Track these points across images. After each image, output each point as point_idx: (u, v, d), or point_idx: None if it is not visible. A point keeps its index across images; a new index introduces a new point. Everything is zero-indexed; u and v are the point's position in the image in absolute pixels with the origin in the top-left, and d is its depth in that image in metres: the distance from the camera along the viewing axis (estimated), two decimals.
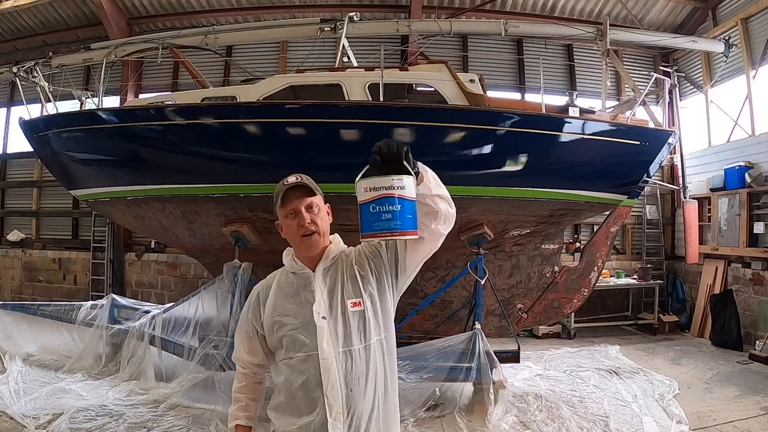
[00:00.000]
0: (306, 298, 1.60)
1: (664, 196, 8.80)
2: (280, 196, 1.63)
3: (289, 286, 1.66)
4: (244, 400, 1.73)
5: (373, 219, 1.37)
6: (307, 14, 8.26)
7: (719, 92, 7.99)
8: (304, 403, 1.53)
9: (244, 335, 1.72)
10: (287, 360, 1.58)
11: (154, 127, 4.87)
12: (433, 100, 5.16)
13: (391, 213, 1.36)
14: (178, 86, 8.61)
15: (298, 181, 1.63)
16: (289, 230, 1.65)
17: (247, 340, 1.71)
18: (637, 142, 4.94)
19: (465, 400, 4.28)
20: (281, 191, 1.63)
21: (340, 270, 1.66)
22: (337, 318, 1.57)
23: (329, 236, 1.72)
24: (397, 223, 1.37)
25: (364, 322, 1.59)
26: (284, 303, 1.63)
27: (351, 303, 1.59)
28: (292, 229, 1.63)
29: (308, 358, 1.54)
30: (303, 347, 1.55)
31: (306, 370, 1.54)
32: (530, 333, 7.43)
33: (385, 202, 1.36)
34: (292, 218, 1.62)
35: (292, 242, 1.67)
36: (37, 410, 4.03)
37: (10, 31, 9.29)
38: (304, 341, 1.55)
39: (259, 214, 4.79)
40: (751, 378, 5.25)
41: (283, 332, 1.59)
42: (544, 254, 5.32)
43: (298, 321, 1.58)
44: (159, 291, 8.42)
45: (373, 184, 1.38)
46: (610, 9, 8.40)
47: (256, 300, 1.70)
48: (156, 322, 4.86)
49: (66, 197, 8.31)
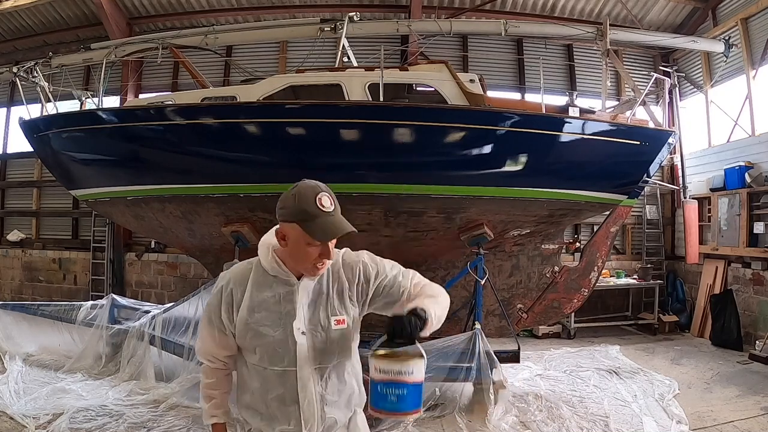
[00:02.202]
0: (286, 310, 1.50)
1: (664, 196, 8.79)
2: (318, 230, 1.42)
3: (267, 290, 1.52)
4: (218, 396, 1.66)
5: (379, 398, 1.40)
6: (307, 14, 8.25)
7: (719, 92, 7.98)
8: (279, 413, 1.52)
9: (214, 330, 1.57)
10: (260, 368, 1.52)
11: (154, 127, 4.88)
12: (433, 100, 5.16)
13: (398, 396, 1.39)
14: (178, 86, 8.60)
15: (335, 210, 1.45)
16: (303, 255, 1.47)
17: (217, 335, 1.57)
18: (637, 142, 4.94)
19: (465, 400, 4.27)
20: (320, 221, 1.42)
21: (326, 281, 1.56)
22: (318, 333, 1.51)
23: None
24: (402, 405, 1.40)
25: (344, 340, 1.56)
26: (261, 310, 1.51)
27: (335, 320, 1.53)
28: (308, 256, 1.46)
29: (285, 373, 1.49)
30: (280, 362, 1.49)
31: (282, 384, 1.50)
32: (530, 333, 7.43)
33: (393, 386, 1.39)
34: (314, 247, 1.44)
35: (297, 262, 1.50)
36: (37, 410, 4.02)
37: (10, 31, 9.28)
38: (282, 356, 1.49)
39: (259, 214, 4.80)
40: (751, 378, 5.24)
41: (258, 342, 1.51)
42: (544, 254, 5.32)
43: (277, 334, 1.49)
44: (159, 291, 8.41)
45: (384, 367, 1.39)
46: (610, 9, 8.39)
47: (228, 297, 1.54)
48: (156, 322, 4.85)
49: (66, 197, 8.30)
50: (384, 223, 4.74)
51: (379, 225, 4.76)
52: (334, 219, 1.45)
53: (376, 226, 4.76)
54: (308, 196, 1.43)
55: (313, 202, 1.43)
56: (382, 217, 4.70)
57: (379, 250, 1.78)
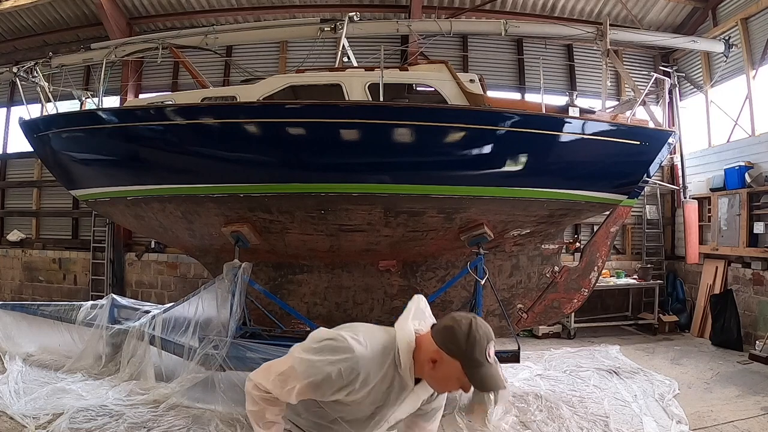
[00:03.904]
0: (390, 401, 1.56)
1: (664, 196, 8.80)
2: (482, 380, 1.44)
3: (387, 380, 1.52)
4: (281, 422, 1.64)
5: None
6: (307, 14, 8.25)
7: (719, 92, 7.98)
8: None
9: (312, 395, 1.49)
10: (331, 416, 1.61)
11: (154, 127, 4.87)
12: (433, 100, 5.16)
13: None
14: (178, 86, 8.61)
15: (495, 364, 1.47)
16: (448, 383, 1.50)
17: (312, 397, 1.51)
18: (637, 142, 4.94)
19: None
20: (485, 373, 1.43)
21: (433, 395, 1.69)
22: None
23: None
24: None
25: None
26: (372, 392, 1.51)
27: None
28: (451, 386, 1.50)
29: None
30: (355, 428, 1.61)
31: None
32: (530, 333, 7.43)
33: None
34: (464, 384, 1.46)
35: (435, 382, 1.52)
36: (37, 410, 4.02)
37: (10, 31, 9.29)
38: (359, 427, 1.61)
39: (259, 214, 4.79)
40: (751, 378, 5.25)
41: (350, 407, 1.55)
42: (544, 254, 5.32)
43: (370, 412, 1.57)
44: (159, 291, 8.41)
45: None
46: (610, 9, 8.39)
47: (358, 384, 1.46)
48: (156, 322, 4.85)
49: (66, 197, 8.31)
50: (384, 223, 4.73)
51: (379, 225, 4.76)
52: (494, 372, 1.45)
53: (376, 226, 4.76)
54: (482, 344, 1.42)
55: (484, 352, 1.43)
56: (382, 217, 4.69)
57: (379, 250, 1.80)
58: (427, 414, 1.75)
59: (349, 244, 4.94)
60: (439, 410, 1.78)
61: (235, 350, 4.25)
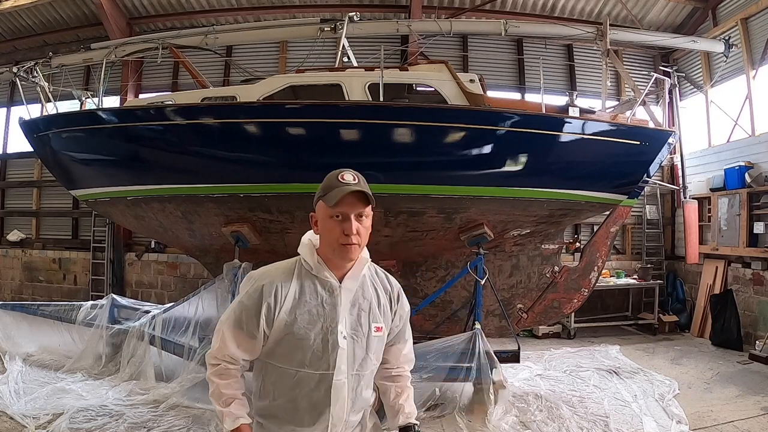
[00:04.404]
0: (329, 314, 1.51)
1: (664, 196, 8.80)
2: (332, 195, 1.46)
3: (311, 293, 1.52)
4: (240, 396, 1.57)
5: None
6: (307, 14, 8.25)
7: (719, 92, 7.98)
8: (307, 416, 1.51)
9: (241, 333, 1.51)
10: (293, 371, 1.50)
11: (154, 127, 4.87)
12: (433, 100, 5.16)
13: None
14: (178, 86, 8.61)
15: (356, 183, 1.48)
16: (328, 232, 1.49)
17: (246, 338, 1.51)
18: (637, 142, 4.94)
19: (465, 400, 4.28)
20: (336, 189, 1.46)
21: (367, 288, 1.59)
22: (359, 339, 1.53)
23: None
24: None
25: (381, 345, 1.60)
26: (303, 312, 1.49)
27: (375, 327, 1.56)
28: (333, 232, 1.48)
29: (321, 377, 1.49)
30: (318, 366, 1.49)
31: (316, 388, 1.50)
32: (530, 333, 7.43)
33: None
34: (336, 221, 1.47)
35: (327, 243, 1.51)
36: (37, 410, 4.03)
37: (10, 31, 9.29)
38: (320, 359, 1.49)
39: (259, 214, 4.79)
40: (751, 378, 5.25)
41: (298, 345, 1.49)
42: (544, 254, 5.32)
43: (319, 338, 1.49)
44: (159, 291, 8.41)
45: None
46: (610, 9, 8.39)
47: (271, 297, 1.49)
48: (156, 322, 4.85)
49: (66, 197, 8.31)
50: (384, 223, 4.73)
51: (379, 225, 4.76)
52: (349, 186, 1.47)
53: (376, 226, 4.71)
54: (333, 174, 1.51)
55: (335, 177, 1.49)
56: (382, 217, 4.69)
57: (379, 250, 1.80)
58: (395, 336, 1.68)
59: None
60: (403, 329, 1.70)
61: None
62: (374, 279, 1.63)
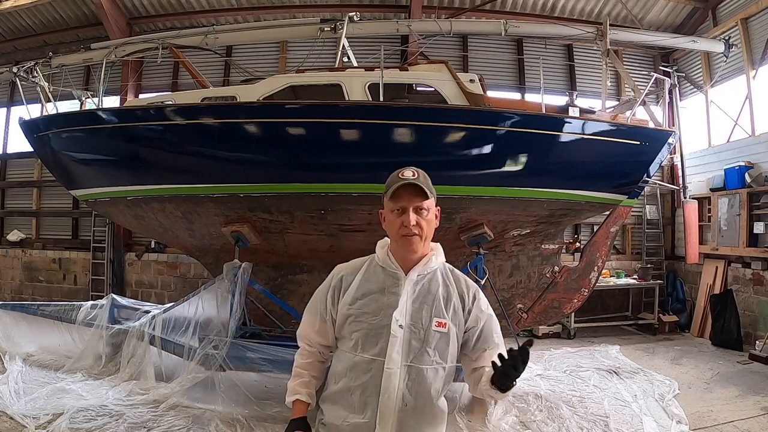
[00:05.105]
0: (389, 301, 1.55)
1: (664, 196, 8.80)
2: (392, 190, 1.56)
3: (375, 281, 1.60)
4: (307, 376, 1.66)
5: None
6: (307, 14, 8.26)
7: (719, 92, 7.99)
8: (357, 403, 1.51)
9: (316, 315, 1.65)
10: (351, 354, 1.55)
11: (154, 127, 4.87)
12: (433, 100, 5.16)
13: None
14: (178, 86, 8.61)
15: (415, 178, 1.56)
16: (391, 225, 1.60)
17: (318, 321, 1.65)
18: (637, 142, 4.94)
19: (465, 400, 4.27)
20: (394, 184, 1.56)
21: (435, 283, 1.61)
22: (417, 331, 1.53)
23: (431, 243, 1.65)
24: None
25: (445, 344, 1.57)
26: (365, 298, 1.57)
27: (437, 322, 1.55)
28: (394, 225, 1.58)
29: (373, 362, 1.51)
30: (371, 350, 1.52)
31: (367, 372, 1.51)
32: (530, 333, 7.42)
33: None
34: (397, 214, 1.57)
35: (392, 237, 1.62)
36: (37, 410, 4.02)
37: (10, 31, 9.29)
38: (374, 344, 1.52)
39: (259, 214, 4.79)
40: (751, 378, 5.25)
41: (355, 328, 1.55)
42: (544, 254, 5.31)
43: (375, 322, 1.53)
44: (159, 291, 8.41)
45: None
46: (610, 9, 8.39)
47: (338, 283, 1.63)
48: (156, 322, 4.84)
49: (66, 197, 8.31)
50: None
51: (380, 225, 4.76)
52: (409, 185, 1.55)
53: (376, 226, 4.74)
54: (395, 172, 1.61)
55: (396, 174, 1.59)
56: None
57: None
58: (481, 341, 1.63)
59: (349, 244, 4.93)
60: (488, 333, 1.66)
61: (235, 350, 4.24)
62: (447, 277, 1.65)
